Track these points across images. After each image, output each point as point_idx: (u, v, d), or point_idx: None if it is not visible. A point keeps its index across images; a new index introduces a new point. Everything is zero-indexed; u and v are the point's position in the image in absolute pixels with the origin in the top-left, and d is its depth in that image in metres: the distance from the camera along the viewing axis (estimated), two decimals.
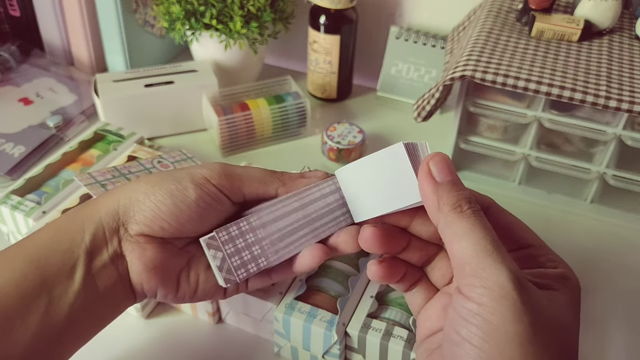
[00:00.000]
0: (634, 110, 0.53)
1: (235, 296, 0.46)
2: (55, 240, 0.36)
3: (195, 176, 0.37)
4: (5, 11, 0.81)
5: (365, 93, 0.82)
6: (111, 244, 0.36)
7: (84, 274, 0.35)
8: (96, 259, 0.36)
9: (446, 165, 0.31)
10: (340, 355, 0.43)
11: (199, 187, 0.37)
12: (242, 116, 0.68)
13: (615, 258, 0.58)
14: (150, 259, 0.36)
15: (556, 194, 0.64)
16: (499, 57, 0.57)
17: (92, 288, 0.35)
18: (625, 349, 0.49)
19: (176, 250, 0.38)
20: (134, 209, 0.36)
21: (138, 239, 0.36)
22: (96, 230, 0.36)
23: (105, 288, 0.36)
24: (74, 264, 0.35)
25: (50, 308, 0.34)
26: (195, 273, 0.38)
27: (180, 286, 0.38)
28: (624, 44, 0.62)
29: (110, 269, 0.36)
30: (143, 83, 0.69)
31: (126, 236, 0.36)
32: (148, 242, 0.36)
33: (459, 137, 0.63)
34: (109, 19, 0.75)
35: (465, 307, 0.27)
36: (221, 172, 0.38)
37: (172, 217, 0.36)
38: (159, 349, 0.48)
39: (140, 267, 0.36)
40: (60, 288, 0.34)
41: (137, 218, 0.36)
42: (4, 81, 0.76)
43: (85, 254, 0.35)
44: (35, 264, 0.34)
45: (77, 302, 0.35)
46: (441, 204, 0.30)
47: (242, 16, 0.70)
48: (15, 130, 0.69)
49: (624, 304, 0.53)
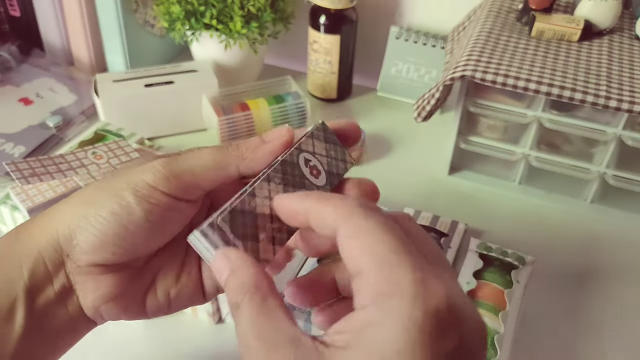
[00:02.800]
0: (634, 110, 0.53)
1: None
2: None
3: (137, 186, 0.31)
4: (5, 11, 0.81)
5: (365, 93, 0.82)
6: (57, 279, 0.31)
7: (25, 314, 0.30)
8: (39, 298, 0.30)
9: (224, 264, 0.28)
10: None
11: (145, 199, 0.30)
12: (242, 116, 0.68)
13: (615, 258, 0.58)
14: (108, 291, 0.31)
15: (556, 194, 0.64)
16: (499, 57, 0.57)
17: (38, 329, 0.30)
18: (625, 349, 0.49)
19: (136, 272, 0.32)
20: (76, 237, 0.30)
21: (90, 269, 0.31)
22: (35, 266, 0.30)
23: (54, 327, 0.31)
24: (13, 304, 0.30)
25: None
26: (163, 290, 0.33)
27: (147, 306, 0.33)
28: (624, 44, 0.62)
29: (57, 307, 0.31)
30: (143, 83, 0.69)
31: (74, 268, 0.31)
32: (102, 272, 0.31)
33: (459, 137, 0.63)
34: (109, 19, 0.75)
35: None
36: (167, 174, 0.31)
37: (121, 240, 0.30)
38: (159, 348, 0.48)
39: (97, 301, 0.31)
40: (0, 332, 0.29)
41: (82, 247, 0.30)
42: (4, 81, 0.76)
43: (25, 293, 0.30)
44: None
45: (22, 345, 0.30)
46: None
47: (242, 16, 0.70)
48: (15, 130, 0.69)
49: (624, 304, 0.53)
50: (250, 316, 0.25)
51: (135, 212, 0.30)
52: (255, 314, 0.25)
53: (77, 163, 0.52)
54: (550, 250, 0.58)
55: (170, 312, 0.34)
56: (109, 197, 0.31)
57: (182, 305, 0.34)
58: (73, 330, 0.32)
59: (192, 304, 0.34)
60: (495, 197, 0.64)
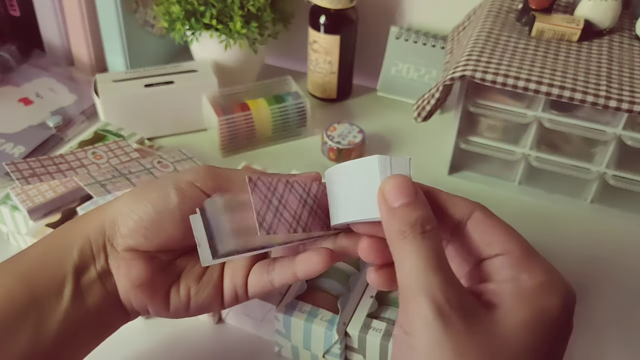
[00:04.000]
0: (634, 110, 0.53)
1: None
2: (44, 257, 0.35)
3: (179, 181, 0.36)
4: (5, 11, 0.81)
5: (365, 93, 0.82)
6: (98, 260, 0.35)
7: (72, 291, 0.34)
8: (84, 276, 0.35)
9: (399, 189, 0.30)
10: (340, 355, 0.43)
11: (182, 191, 0.35)
12: (242, 116, 0.68)
13: (615, 258, 0.58)
14: (136, 276, 0.36)
15: (556, 194, 0.64)
16: (499, 57, 0.57)
17: (81, 305, 0.35)
18: (625, 349, 0.49)
19: (164, 265, 0.37)
20: (118, 222, 0.35)
21: (124, 255, 0.36)
22: (83, 247, 0.35)
23: (95, 305, 0.35)
24: (63, 281, 0.34)
25: (40, 326, 0.33)
26: (185, 287, 0.37)
27: (170, 302, 0.37)
28: (624, 44, 0.62)
29: (98, 286, 0.35)
30: (143, 83, 0.69)
31: (113, 252, 0.36)
32: (134, 258, 0.36)
33: (459, 137, 0.63)
34: (109, 19, 0.75)
35: (399, 334, 0.28)
36: (206, 174, 0.37)
37: (154, 225, 0.35)
38: (159, 349, 0.48)
39: (127, 285, 0.36)
40: (49, 305, 0.34)
41: (122, 231, 0.35)
42: (4, 81, 0.76)
43: (73, 271, 0.35)
44: (24, 281, 0.34)
45: (67, 319, 0.34)
46: (387, 231, 0.30)
47: (242, 16, 0.70)
48: (15, 130, 0.69)
49: (624, 304, 0.53)
50: (436, 245, 0.29)
51: (172, 200, 0.35)
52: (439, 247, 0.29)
53: (77, 163, 0.52)
54: (550, 250, 0.58)
55: (190, 313, 0.38)
56: (153, 189, 0.36)
57: (201, 307, 0.38)
58: (110, 312, 0.36)
59: (210, 308, 0.38)
60: (495, 197, 0.64)
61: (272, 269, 0.37)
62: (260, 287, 0.38)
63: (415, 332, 0.27)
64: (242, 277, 0.38)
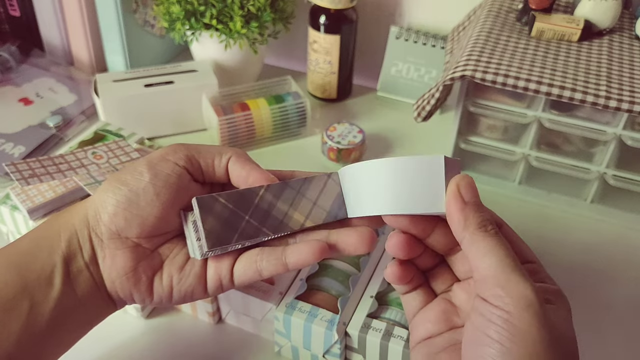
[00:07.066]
0: (634, 110, 0.53)
1: (235, 296, 0.46)
2: (35, 247, 0.36)
3: (150, 158, 0.37)
4: (5, 11, 0.81)
5: (365, 93, 0.82)
6: (85, 251, 0.36)
7: (62, 279, 0.35)
8: (72, 265, 0.36)
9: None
10: (340, 355, 0.43)
11: (153, 167, 0.37)
12: (242, 116, 0.68)
13: (616, 258, 0.58)
14: (121, 265, 0.36)
15: (556, 194, 0.64)
16: (499, 57, 0.57)
17: (71, 293, 0.36)
18: (624, 349, 0.49)
19: (147, 253, 0.38)
20: (99, 211, 0.36)
21: (109, 244, 0.36)
22: (70, 238, 0.36)
23: (84, 294, 0.36)
24: (52, 269, 0.35)
25: (32, 314, 0.34)
26: (168, 275, 0.38)
27: (154, 290, 0.38)
28: (624, 44, 0.62)
29: (86, 275, 0.36)
30: (143, 83, 0.69)
31: (98, 242, 0.37)
32: (119, 247, 0.36)
33: (459, 137, 0.63)
34: (109, 19, 0.75)
35: (494, 314, 0.29)
36: (176, 147, 0.38)
37: (132, 205, 0.36)
38: (159, 349, 0.48)
39: (112, 274, 0.37)
40: (41, 294, 0.35)
41: (104, 218, 0.36)
42: (4, 81, 0.76)
43: (62, 260, 0.36)
44: (16, 271, 0.35)
45: (58, 307, 0.35)
46: (467, 223, 0.32)
47: (242, 16, 0.70)
48: (15, 130, 0.69)
49: (624, 304, 0.53)
50: (505, 243, 0.31)
51: (144, 177, 0.36)
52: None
53: (77, 163, 0.52)
54: (549, 250, 0.58)
55: (173, 302, 0.38)
56: (127, 172, 0.37)
57: (184, 296, 0.38)
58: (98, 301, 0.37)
59: (194, 297, 0.38)
60: (495, 197, 0.64)
61: (260, 259, 0.37)
62: (248, 277, 0.38)
63: (516, 311, 0.29)
64: (228, 266, 0.38)
